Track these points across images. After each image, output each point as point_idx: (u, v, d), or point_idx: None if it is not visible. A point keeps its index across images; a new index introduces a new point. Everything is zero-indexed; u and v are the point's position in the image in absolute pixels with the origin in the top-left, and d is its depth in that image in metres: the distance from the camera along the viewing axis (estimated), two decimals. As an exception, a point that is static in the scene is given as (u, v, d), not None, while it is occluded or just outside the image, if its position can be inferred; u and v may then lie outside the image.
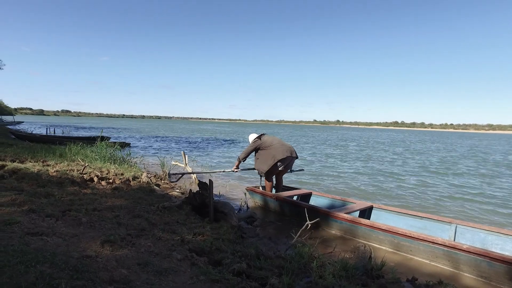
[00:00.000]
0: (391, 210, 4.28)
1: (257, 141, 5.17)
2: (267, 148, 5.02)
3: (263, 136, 5.26)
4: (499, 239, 3.30)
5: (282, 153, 4.91)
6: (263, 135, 5.29)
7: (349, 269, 2.50)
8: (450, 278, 2.81)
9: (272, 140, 5.11)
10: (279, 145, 5.03)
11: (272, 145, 5.01)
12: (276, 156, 4.89)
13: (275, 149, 4.95)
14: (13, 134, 15.93)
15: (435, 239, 3.01)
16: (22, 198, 3.36)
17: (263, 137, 5.21)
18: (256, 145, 5.13)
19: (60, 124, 43.07)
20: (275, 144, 5.03)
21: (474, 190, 7.47)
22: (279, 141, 5.16)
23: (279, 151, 4.92)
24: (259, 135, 5.30)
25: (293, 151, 5.06)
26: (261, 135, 5.30)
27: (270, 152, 4.95)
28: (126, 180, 5.33)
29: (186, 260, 2.27)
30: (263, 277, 2.13)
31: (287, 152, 4.94)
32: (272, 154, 4.92)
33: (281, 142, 5.13)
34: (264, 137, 5.23)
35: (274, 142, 5.07)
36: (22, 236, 2.28)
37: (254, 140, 5.21)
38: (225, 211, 3.69)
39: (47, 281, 1.62)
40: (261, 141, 5.14)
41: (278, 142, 5.11)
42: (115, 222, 2.98)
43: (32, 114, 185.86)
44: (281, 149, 4.96)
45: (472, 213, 5.44)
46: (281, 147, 4.99)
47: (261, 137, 5.22)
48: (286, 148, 5.00)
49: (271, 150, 4.96)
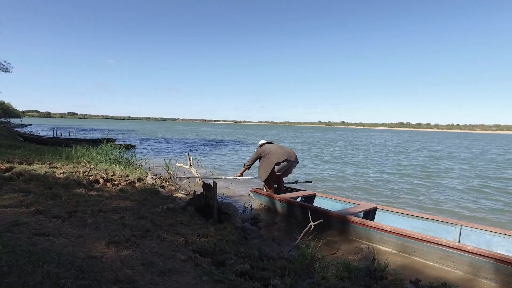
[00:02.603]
0: (395, 211, 4.26)
1: (259, 149, 5.28)
2: (267, 156, 5.09)
3: (264, 145, 5.32)
4: (504, 241, 3.28)
5: (278, 157, 4.95)
6: (264, 144, 5.36)
7: (352, 270, 2.50)
8: (455, 280, 2.79)
9: (271, 147, 5.18)
10: (277, 149, 5.09)
11: (271, 152, 5.08)
12: (273, 161, 4.95)
13: (273, 155, 5.01)
14: (21, 137, 16.14)
15: (439, 240, 3.00)
16: (29, 200, 3.41)
17: (264, 146, 5.27)
18: (258, 153, 5.25)
19: (67, 127, 43.52)
20: (273, 150, 5.10)
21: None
22: (278, 146, 5.22)
23: (276, 156, 4.97)
24: (262, 143, 5.37)
25: (292, 155, 5.06)
26: (263, 144, 5.36)
27: (269, 158, 5.03)
28: (131, 182, 5.38)
29: (189, 260, 2.30)
30: (265, 278, 2.14)
31: (285, 155, 4.97)
32: (271, 160, 4.99)
33: (280, 147, 5.18)
34: (265, 145, 5.29)
35: (273, 148, 5.14)
36: (30, 236, 2.33)
37: (257, 149, 5.33)
38: (229, 212, 3.71)
39: (54, 280, 1.65)
40: (261, 149, 5.23)
41: (277, 147, 5.17)
42: (120, 223, 3.02)
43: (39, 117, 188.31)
44: (279, 153, 5.00)
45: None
46: (279, 151, 5.04)
47: (262, 146, 5.29)
48: (284, 152, 5.03)
49: (270, 156, 5.03)
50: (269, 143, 5.42)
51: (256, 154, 5.30)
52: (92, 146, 8.92)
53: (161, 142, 21.25)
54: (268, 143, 5.41)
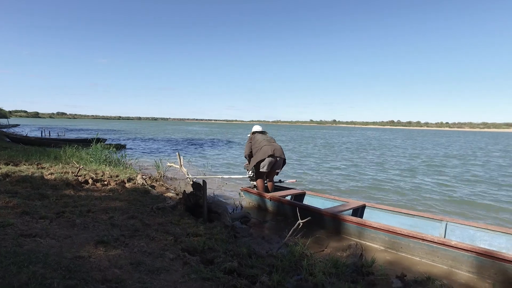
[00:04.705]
0: (383, 208, 4.34)
1: (251, 136, 5.20)
2: (256, 149, 5.03)
3: (256, 134, 5.23)
4: (487, 235, 3.37)
5: (262, 154, 4.86)
6: (257, 132, 5.27)
7: (339, 266, 2.55)
8: (439, 274, 2.86)
9: (262, 141, 5.07)
10: (265, 142, 4.99)
11: (260, 145, 4.99)
12: (258, 157, 4.90)
13: (261, 150, 4.92)
14: (7, 137, 15.82)
15: (424, 236, 3.07)
16: (16, 201, 3.37)
17: (256, 135, 5.19)
18: (251, 141, 5.17)
19: (56, 127, 42.80)
20: (262, 144, 5.00)
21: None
22: (268, 141, 5.09)
23: (262, 152, 4.88)
24: (256, 130, 5.29)
25: (277, 150, 4.94)
26: (257, 131, 5.27)
27: (257, 153, 4.96)
28: (121, 182, 5.35)
29: (178, 259, 2.31)
30: (253, 275, 2.17)
31: (270, 151, 4.86)
32: (257, 155, 4.92)
33: (269, 142, 5.05)
34: (257, 135, 5.20)
35: (263, 142, 5.03)
36: (15, 238, 2.31)
37: (249, 135, 5.25)
38: (219, 211, 3.73)
39: (40, 281, 1.65)
40: (253, 136, 5.16)
41: (267, 142, 5.05)
42: (109, 224, 3.00)
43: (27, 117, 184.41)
44: (264, 149, 4.89)
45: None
46: (266, 146, 4.93)
47: (254, 134, 5.20)
48: (270, 148, 4.91)
49: (258, 151, 4.96)
50: (262, 132, 5.30)
51: (248, 141, 5.22)
52: (81, 146, 8.82)
53: (152, 141, 21.09)
54: (260, 132, 5.30)
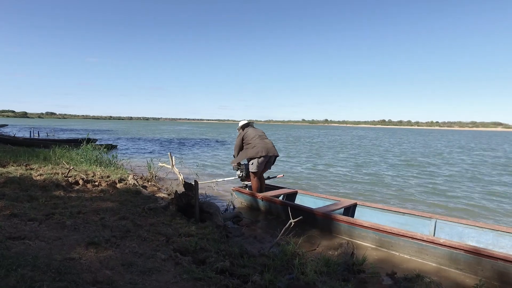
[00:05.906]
0: (374, 207, 4.39)
1: (241, 132, 5.12)
2: (247, 145, 4.96)
3: (247, 128, 5.14)
4: (475, 232, 3.44)
5: (255, 153, 4.80)
6: (247, 126, 5.19)
7: (331, 265, 2.57)
8: (428, 271, 2.91)
9: (254, 136, 4.97)
10: (257, 140, 4.93)
11: (252, 141, 4.92)
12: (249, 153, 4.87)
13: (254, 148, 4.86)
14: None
15: (413, 234, 3.12)
16: (3, 203, 3.32)
17: (247, 130, 5.10)
18: (241, 136, 5.07)
19: (45, 127, 42.09)
20: (255, 140, 4.93)
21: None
22: (260, 137, 5.01)
23: (255, 151, 4.83)
24: (244, 124, 5.20)
25: (270, 149, 4.90)
26: (246, 125, 5.18)
27: (249, 149, 4.90)
28: (112, 183, 5.30)
29: (170, 259, 2.30)
30: (245, 275, 2.18)
31: (263, 151, 4.81)
32: (249, 151, 4.88)
33: (261, 138, 4.99)
34: (248, 129, 5.10)
35: (256, 139, 4.94)
36: (3, 240, 2.27)
37: (239, 130, 5.17)
38: (211, 211, 3.72)
39: (29, 283, 1.63)
40: (243, 132, 5.08)
41: (259, 138, 4.97)
42: (100, 225, 2.98)
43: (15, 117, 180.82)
44: (258, 148, 4.83)
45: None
46: (259, 144, 4.87)
47: (245, 129, 5.12)
48: (263, 147, 4.85)
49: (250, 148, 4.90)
50: (250, 125, 5.22)
51: (239, 138, 5.09)
52: (71, 147, 8.70)
53: (143, 141, 20.90)
54: (249, 125, 5.21)
